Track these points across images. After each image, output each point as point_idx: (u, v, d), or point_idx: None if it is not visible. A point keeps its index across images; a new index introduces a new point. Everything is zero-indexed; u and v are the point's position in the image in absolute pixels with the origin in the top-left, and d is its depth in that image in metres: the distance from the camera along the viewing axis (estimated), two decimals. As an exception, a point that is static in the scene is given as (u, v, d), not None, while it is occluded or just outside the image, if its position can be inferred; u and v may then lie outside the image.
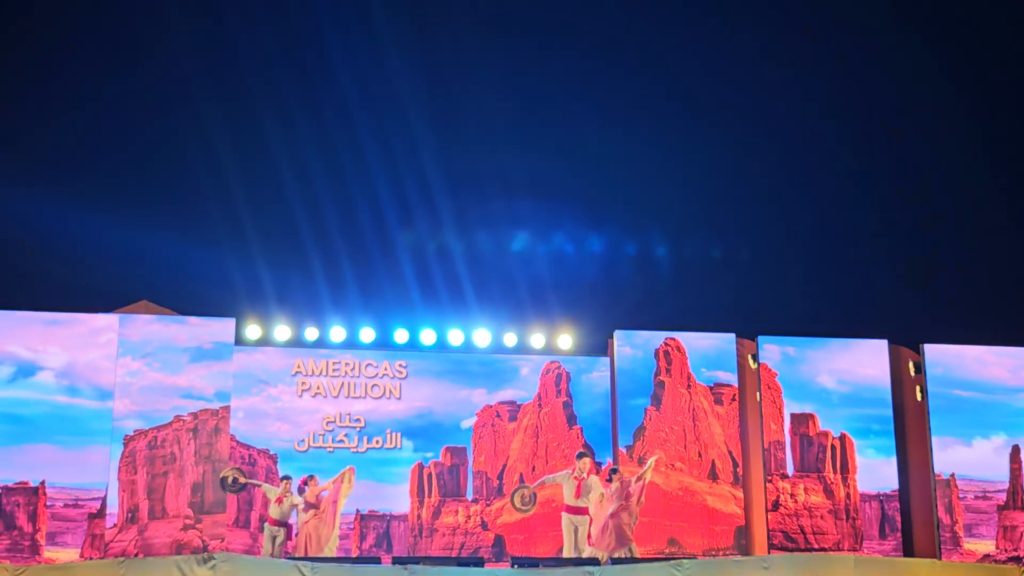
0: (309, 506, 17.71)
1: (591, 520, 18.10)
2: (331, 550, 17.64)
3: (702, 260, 20.25)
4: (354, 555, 17.57)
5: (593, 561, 16.74)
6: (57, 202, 17.47)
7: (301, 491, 17.81)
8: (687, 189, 20.41)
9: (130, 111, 18.19)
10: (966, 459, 18.94)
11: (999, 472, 19.02)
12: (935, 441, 18.87)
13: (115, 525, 17.11)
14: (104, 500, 17.12)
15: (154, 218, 18.00)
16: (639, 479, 18.16)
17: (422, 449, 18.49)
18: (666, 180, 20.34)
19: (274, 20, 18.82)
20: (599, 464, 18.61)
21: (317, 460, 18.17)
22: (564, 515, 18.29)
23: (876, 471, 18.90)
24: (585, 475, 18.37)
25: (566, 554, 17.92)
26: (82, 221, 17.59)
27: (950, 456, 18.89)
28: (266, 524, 17.66)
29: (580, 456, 18.45)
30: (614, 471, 18.16)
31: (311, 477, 17.89)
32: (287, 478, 17.92)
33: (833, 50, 20.50)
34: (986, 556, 18.52)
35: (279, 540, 17.55)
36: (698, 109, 20.23)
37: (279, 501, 17.71)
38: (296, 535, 17.65)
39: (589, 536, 17.95)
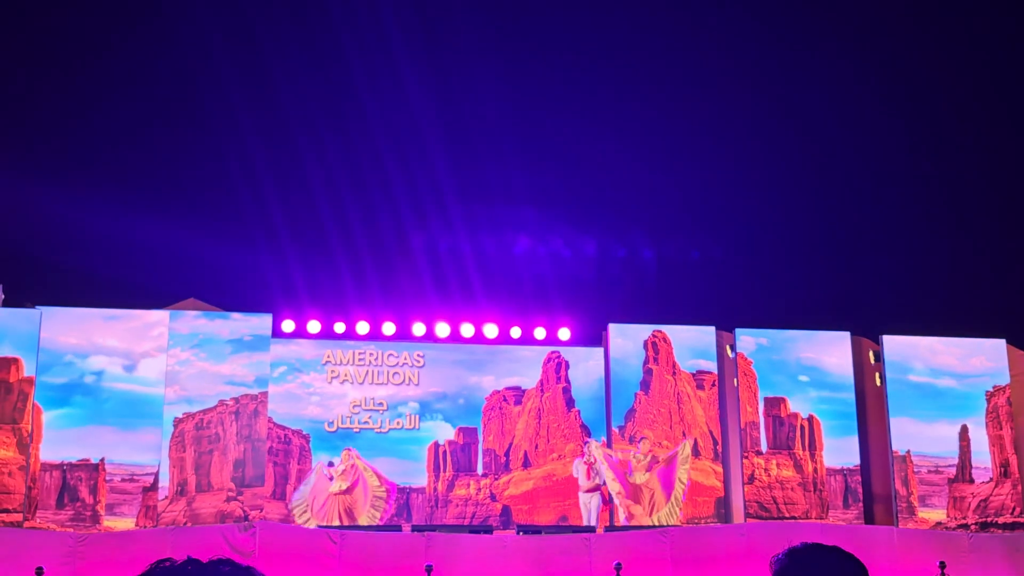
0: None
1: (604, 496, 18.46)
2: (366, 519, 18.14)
3: (686, 261, 20.52)
4: (377, 524, 17.97)
5: (590, 529, 16.92)
6: (114, 210, 17.79)
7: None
8: (673, 198, 20.75)
9: (180, 130, 18.57)
10: (920, 437, 19.19)
11: (950, 449, 19.28)
12: (892, 422, 19.20)
13: (166, 497, 17.49)
14: (157, 475, 17.47)
15: (201, 225, 18.32)
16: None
17: (437, 432, 18.76)
18: (656, 191, 20.69)
19: (305, 44, 19.12)
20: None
21: (345, 439, 18.53)
22: (580, 495, 18.57)
23: (840, 448, 19.19)
24: (594, 460, 18.60)
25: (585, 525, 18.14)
26: (137, 227, 17.89)
27: (906, 435, 19.16)
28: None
29: (588, 443, 18.69)
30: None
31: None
32: (331, 463, 18.33)
33: (797, 62, 20.68)
34: (938, 524, 18.77)
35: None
36: (679, 127, 20.51)
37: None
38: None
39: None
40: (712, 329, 19.54)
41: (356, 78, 18.43)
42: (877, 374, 19.54)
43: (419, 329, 19.29)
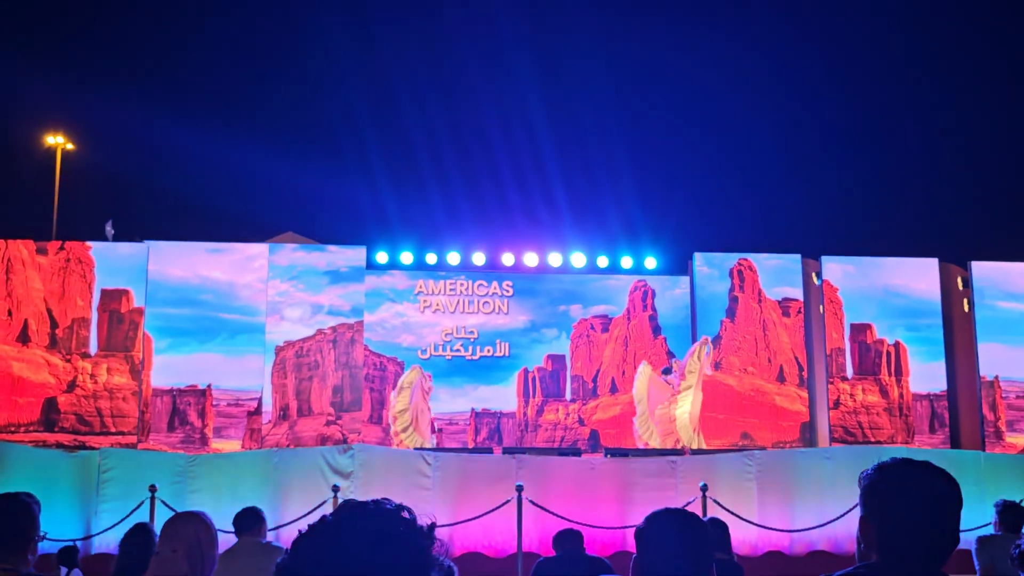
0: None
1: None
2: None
3: (772, 190, 20.19)
4: (470, 447, 18.03)
5: (677, 452, 16.84)
6: (218, 148, 17.97)
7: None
8: (758, 127, 20.33)
9: (282, 67, 18.65)
10: (1009, 362, 18.69)
11: (1039, 374, 18.78)
12: (980, 347, 18.72)
13: (270, 421, 17.82)
14: (260, 400, 17.81)
15: (299, 161, 18.46)
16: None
17: (527, 360, 18.67)
18: (741, 121, 20.26)
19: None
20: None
21: (438, 366, 18.61)
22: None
23: (926, 374, 18.82)
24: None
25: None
26: (238, 164, 18.08)
27: (994, 360, 18.68)
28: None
29: (666, 371, 18.47)
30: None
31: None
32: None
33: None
34: (1026, 448, 18.40)
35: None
36: (766, 69, 20.07)
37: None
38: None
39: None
40: (798, 257, 19.26)
41: (449, 14, 18.35)
42: (965, 300, 19.04)
43: (508, 259, 19.27)
